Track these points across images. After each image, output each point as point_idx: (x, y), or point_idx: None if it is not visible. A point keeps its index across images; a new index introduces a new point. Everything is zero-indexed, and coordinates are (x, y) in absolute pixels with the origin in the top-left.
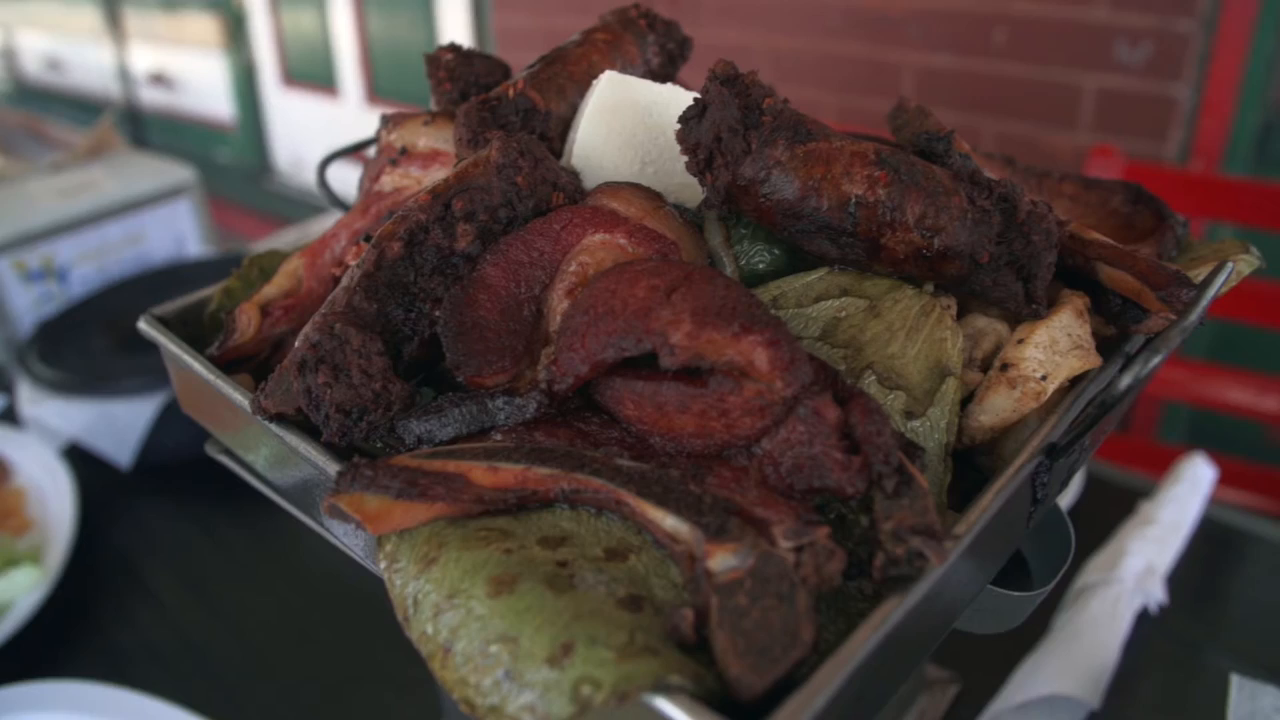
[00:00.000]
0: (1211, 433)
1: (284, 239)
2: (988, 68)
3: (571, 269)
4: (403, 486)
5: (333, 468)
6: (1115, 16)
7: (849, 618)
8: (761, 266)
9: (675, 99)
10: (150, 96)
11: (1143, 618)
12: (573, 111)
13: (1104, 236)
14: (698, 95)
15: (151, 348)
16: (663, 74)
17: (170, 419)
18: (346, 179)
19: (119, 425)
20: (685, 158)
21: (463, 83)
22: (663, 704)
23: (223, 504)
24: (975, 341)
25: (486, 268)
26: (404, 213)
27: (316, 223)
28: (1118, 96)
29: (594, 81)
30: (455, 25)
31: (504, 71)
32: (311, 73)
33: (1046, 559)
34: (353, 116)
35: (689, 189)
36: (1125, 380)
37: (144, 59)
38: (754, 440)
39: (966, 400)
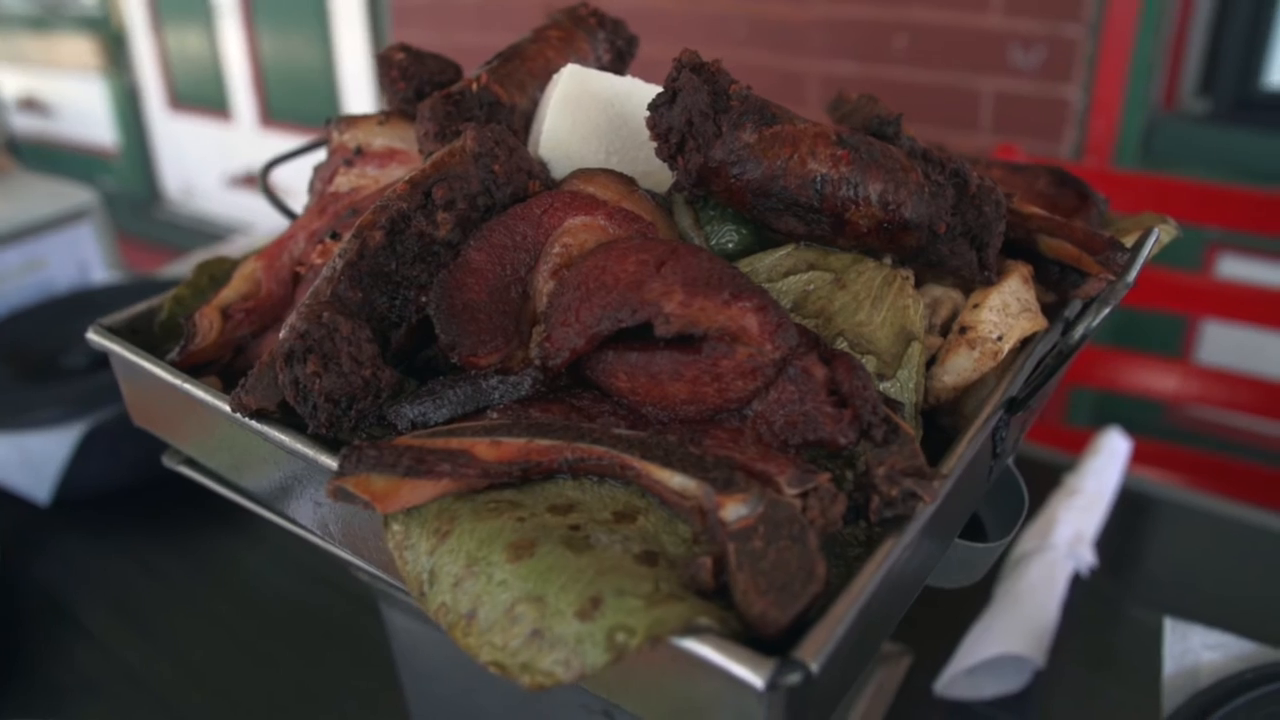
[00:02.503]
0: (1115, 414)
1: (185, 266)
2: (890, 74)
3: (555, 250)
4: (410, 464)
5: (324, 458)
6: (1009, 22)
7: (846, 562)
8: (731, 246)
9: (634, 90)
10: (22, 123)
11: (1075, 580)
12: (534, 106)
13: (1041, 210)
14: (662, 87)
15: (67, 376)
16: (613, 70)
17: (92, 449)
18: (242, 204)
19: (34, 460)
20: (649, 146)
21: (416, 81)
22: (695, 645)
23: (155, 533)
24: (934, 309)
25: (471, 252)
26: (384, 202)
27: (224, 248)
28: (1014, 99)
29: (555, 75)
30: (353, 44)
31: (456, 71)
32: (201, 95)
33: (1000, 516)
34: (246, 140)
35: (651, 177)
36: (1079, 331)
37: (12, 83)
38: (745, 403)
39: (929, 364)
